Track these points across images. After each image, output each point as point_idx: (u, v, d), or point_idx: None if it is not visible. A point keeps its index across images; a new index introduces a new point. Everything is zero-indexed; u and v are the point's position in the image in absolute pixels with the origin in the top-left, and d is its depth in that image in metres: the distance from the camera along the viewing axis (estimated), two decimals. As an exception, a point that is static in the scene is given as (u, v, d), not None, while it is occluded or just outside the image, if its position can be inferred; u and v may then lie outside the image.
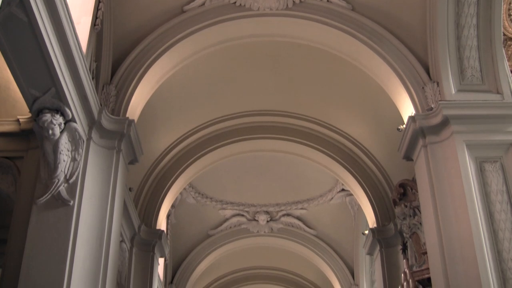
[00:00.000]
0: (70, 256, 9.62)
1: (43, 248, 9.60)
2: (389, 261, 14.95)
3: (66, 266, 9.51)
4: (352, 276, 21.48)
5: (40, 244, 9.62)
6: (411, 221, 12.88)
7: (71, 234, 9.79)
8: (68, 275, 9.48)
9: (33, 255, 9.53)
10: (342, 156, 16.16)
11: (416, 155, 11.48)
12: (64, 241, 9.71)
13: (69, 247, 9.67)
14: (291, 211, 21.23)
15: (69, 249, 9.65)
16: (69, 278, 9.46)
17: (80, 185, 10.20)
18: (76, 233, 9.83)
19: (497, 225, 9.94)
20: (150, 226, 15.59)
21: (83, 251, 9.89)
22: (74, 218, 9.92)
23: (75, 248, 9.72)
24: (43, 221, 9.80)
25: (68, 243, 9.70)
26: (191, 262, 21.80)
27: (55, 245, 9.66)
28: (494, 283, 9.49)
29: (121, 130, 11.18)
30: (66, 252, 9.62)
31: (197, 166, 16.49)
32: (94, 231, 10.23)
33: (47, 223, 9.80)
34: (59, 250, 9.63)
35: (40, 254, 9.54)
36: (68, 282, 9.43)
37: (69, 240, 9.73)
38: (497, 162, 10.50)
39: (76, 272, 9.59)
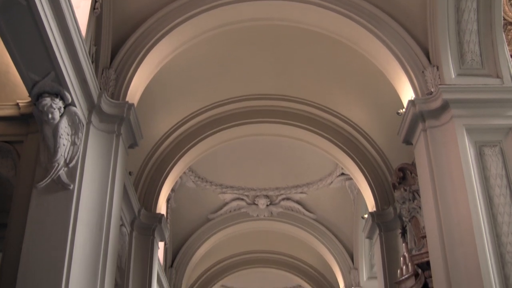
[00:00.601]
0: (70, 240, 9.64)
1: (43, 232, 9.61)
2: (388, 245, 14.99)
3: (66, 250, 9.53)
4: (351, 260, 21.56)
5: (40, 228, 9.63)
6: (410, 205, 12.90)
7: (71, 218, 9.80)
8: (68, 259, 9.50)
9: (33, 239, 9.54)
10: (342, 140, 16.16)
11: (415, 139, 11.48)
12: (64, 225, 9.72)
13: (69, 231, 9.68)
14: (290, 195, 21.27)
15: (69, 233, 9.66)
16: (69, 261, 9.49)
17: (80, 169, 10.20)
18: (76, 217, 9.84)
19: (496, 209, 9.95)
20: (150, 210, 15.62)
21: (83, 235, 9.90)
22: (74, 202, 9.93)
23: (75, 232, 9.74)
24: (43, 205, 9.81)
25: (68, 227, 9.71)
26: (191, 246, 21.87)
27: (55, 229, 9.67)
28: (493, 267, 9.52)
29: (120, 114, 11.17)
30: (66, 236, 9.63)
31: (197, 150, 16.49)
32: (94, 215, 10.23)
33: (47, 207, 9.81)
34: (59, 234, 9.64)
35: (40, 238, 9.56)
36: (68, 265, 9.45)
37: (69, 224, 9.74)
38: (497, 146, 10.50)
39: (76, 255, 9.61)
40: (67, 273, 9.40)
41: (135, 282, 14.57)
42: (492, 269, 9.49)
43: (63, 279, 9.32)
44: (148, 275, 14.95)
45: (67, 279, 9.36)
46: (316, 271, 25.49)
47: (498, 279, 9.44)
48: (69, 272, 9.42)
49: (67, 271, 9.41)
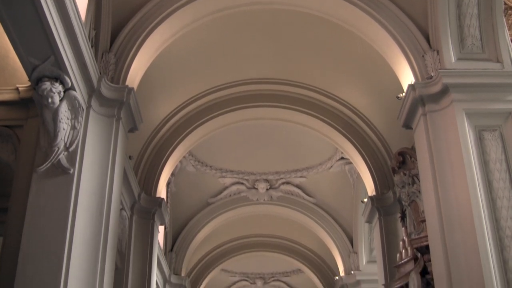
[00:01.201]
0: (71, 224, 9.67)
1: (44, 216, 9.64)
2: (387, 229, 15.03)
3: (67, 234, 9.56)
4: (351, 244, 21.61)
5: (41, 212, 9.66)
6: (410, 189, 12.92)
7: (71, 202, 9.82)
8: (69, 243, 9.53)
9: (34, 223, 9.57)
10: (342, 124, 16.16)
11: (415, 123, 11.49)
12: (65, 209, 9.74)
13: (70, 215, 9.71)
14: (290, 179, 21.29)
15: (69, 217, 9.69)
16: (70, 245, 9.52)
17: (80, 153, 10.21)
18: (77, 201, 9.87)
19: (496, 193, 9.97)
20: (150, 194, 15.65)
21: (84, 219, 9.93)
22: (74, 186, 9.95)
23: (75, 216, 9.76)
24: (43, 189, 9.83)
25: (69, 211, 9.73)
26: (191, 230, 21.91)
27: (55, 213, 9.69)
28: (492, 251, 9.55)
29: (120, 98, 11.17)
30: (66, 220, 9.66)
31: (197, 134, 16.50)
32: (94, 199, 10.26)
33: (48, 191, 9.83)
34: (60, 218, 9.67)
35: (41, 222, 9.58)
36: (69, 249, 9.48)
37: (69, 208, 9.77)
38: (496, 130, 10.50)
39: (76, 240, 9.64)
40: (68, 257, 9.43)
41: (136, 266, 14.62)
42: (491, 253, 9.52)
43: (64, 263, 9.36)
44: (148, 259, 14.99)
45: (67, 263, 9.39)
46: (316, 255, 25.55)
47: (497, 263, 9.48)
48: (70, 256, 9.45)
49: (67, 255, 9.44)
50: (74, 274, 9.45)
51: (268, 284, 31.01)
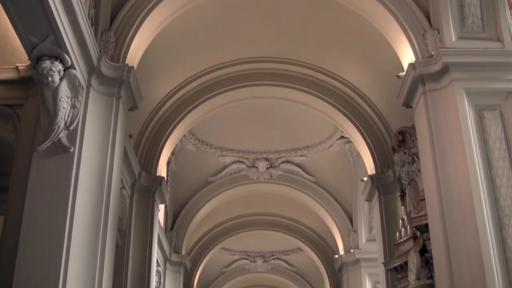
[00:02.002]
0: (71, 203, 9.70)
1: (44, 195, 9.67)
2: (387, 208, 15.07)
3: (68, 213, 9.60)
4: (350, 223, 21.67)
5: (41, 191, 9.69)
6: (409, 168, 12.94)
7: (72, 181, 9.85)
8: (70, 221, 9.57)
9: (34, 202, 9.60)
10: (342, 103, 16.15)
11: (415, 102, 11.49)
12: (65, 187, 9.77)
13: (70, 194, 9.74)
14: (290, 158, 21.32)
15: (70, 196, 9.72)
16: (71, 224, 9.56)
17: (80, 132, 10.22)
18: (77, 180, 9.89)
19: (495, 172, 10.00)
20: (151, 172, 15.68)
21: (84, 198, 9.96)
22: (74, 165, 9.97)
23: (76, 194, 9.79)
24: (44, 168, 9.85)
25: (69, 189, 9.76)
26: (191, 209, 21.98)
27: (56, 191, 9.72)
28: (491, 229, 9.59)
29: (120, 77, 11.15)
30: (67, 198, 9.69)
31: (197, 113, 16.50)
32: (94, 178, 10.28)
33: (48, 170, 9.85)
34: (60, 196, 9.70)
35: (42, 200, 9.61)
36: (69, 228, 9.52)
37: (70, 187, 9.79)
38: (496, 110, 10.50)
39: (77, 218, 9.68)
40: (68, 235, 9.47)
41: (136, 244, 14.69)
42: (490, 231, 9.57)
43: (65, 241, 9.40)
44: (149, 238, 15.06)
45: (68, 241, 9.44)
46: (316, 233, 25.63)
47: (496, 241, 9.53)
48: (70, 234, 9.49)
49: (68, 234, 9.48)
50: (75, 252, 9.49)
51: (268, 262, 31.15)
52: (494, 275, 9.29)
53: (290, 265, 31.34)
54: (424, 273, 11.56)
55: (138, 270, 14.59)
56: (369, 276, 20.08)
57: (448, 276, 9.81)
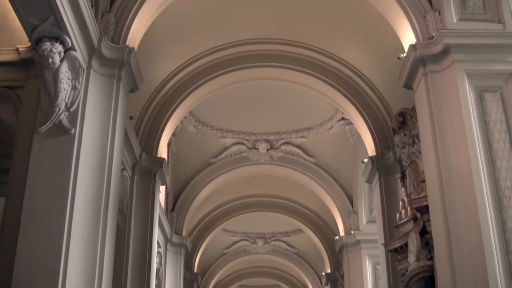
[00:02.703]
0: (72, 184, 9.73)
1: (46, 176, 9.70)
2: (387, 189, 15.09)
3: (69, 194, 9.63)
4: (351, 204, 21.71)
5: (42, 172, 9.72)
6: (410, 149, 12.94)
7: (73, 162, 9.88)
8: (71, 202, 9.60)
9: (36, 183, 9.64)
10: (342, 84, 16.14)
11: (416, 83, 11.48)
12: (66, 169, 9.80)
13: (71, 175, 9.77)
14: (291, 140, 21.32)
15: (71, 177, 9.75)
16: (72, 205, 9.60)
17: (81, 114, 10.23)
18: (78, 161, 9.92)
19: (495, 154, 10.01)
20: (151, 154, 15.69)
21: (85, 179, 9.99)
22: (75, 146, 9.99)
23: (77, 176, 9.82)
24: (44, 149, 9.87)
25: (70, 171, 9.79)
26: (192, 190, 22.02)
27: (57, 173, 9.76)
28: (491, 211, 9.62)
29: (121, 58, 11.16)
30: (68, 180, 9.72)
31: (198, 95, 16.49)
32: (95, 159, 10.30)
33: (49, 151, 9.88)
34: (61, 178, 9.73)
35: (43, 182, 9.65)
36: (70, 209, 9.56)
37: (71, 168, 9.83)
38: (497, 91, 10.50)
39: (78, 199, 9.72)
40: (70, 217, 9.52)
41: (137, 226, 14.73)
42: (490, 213, 9.59)
43: (66, 223, 9.44)
44: (150, 219, 15.10)
45: (69, 222, 9.48)
46: (316, 215, 25.68)
47: (496, 222, 9.56)
48: (72, 216, 9.53)
49: (69, 215, 9.52)
50: (76, 234, 9.53)
51: (269, 243, 31.23)
52: (494, 256, 9.33)
53: (290, 247, 31.41)
54: (424, 254, 11.61)
55: (139, 251, 14.64)
56: (369, 257, 20.13)
57: (448, 257, 9.85)
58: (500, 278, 9.22)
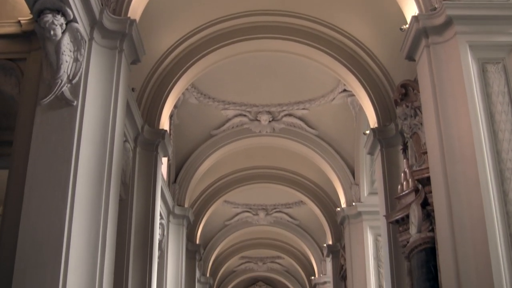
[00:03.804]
0: (75, 156, 9.76)
1: (48, 148, 9.73)
2: (389, 161, 15.11)
3: (71, 166, 9.66)
4: (352, 176, 21.76)
5: (45, 144, 9.75)
6: (412, 121, 12.95)
7: (75, 134, 9.89)
8: (74, 174, 9.63)
9: (39, 155, 9.67)
10: (344, 56, 16.10)
11: (418, 55, 11.44)
12: (69, 141, 9.82)
13: (74, 147, 9.79)
14: (293, 111, 21.31)
15: (73, 149, 9.77)
16: (75, 177, 9.63)
17: (83, 86, 10.23)
18: (80, 133, 9.93)
19: (497, 126, 10.00)
20: (153, 126, 15.71)
21: (88, 150, 10.01)
22: (78, 118, 10.00)
23: (79, 147, 9.85)
24: (47, 121, 9.89)
25: (73, 143, 9.81)
26: (194, 162, 22.06)
27: (60, 145, 9.78)
28: (493, 183, 9.64)
29: (122, 30, 11.12)
30: (71, 151, 9.74)
31: (199, 66, 16.47)
32: (98, 131, 10.32)
33: (52, 123, 9.90)
34: (64, 149, 9.75)
35: (46, 154, 9.68)
36: (73, 181, 9.60)
37: (73, 140, 9.84)
38: (500, 63, 10.47)
39: (81, 171, 9.75)
40: (72, 188, 9.55)
41: (140, 197, 14.79)
42: (492, 185, 9.61)
43: (69, 194, 9.48)
44: (152, 190, 15.16)
45: (72, 194, 9.52)
46: (318, 186, 25.74)
47: (497, 195, 9.58)
48: (75, 187, 9.57)
49: (72, 186, 9.56)
50: (79, 205, 9.58)
51: (271, 215, 31.34)
52: (495, 228, 9.37)
53: (292, 218, 31.53)
54: (426, 226, 11.68)
55: (142, 223, 14.73)
56: (371, 229, 20.21)
57: (449, 229, 9.89)
58: (501, 249, 9.27)
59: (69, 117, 9.96)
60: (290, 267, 41.40)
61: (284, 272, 43.69)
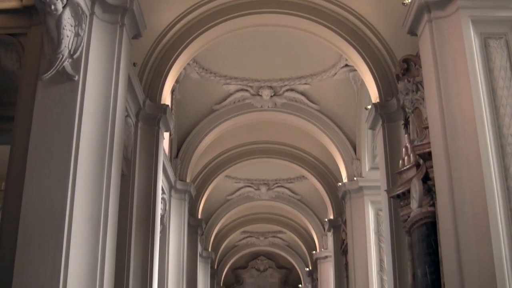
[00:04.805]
0: (77, 131, 9.76)
1: (50, 123, 9.74)
2: (391, 136, 15.12)
3: (73, 141, 9.67)
4: (354, 151, 21.79)
5: (47, 119, 9.75)
6: (413, 96, 12.93)
7: (77, 109, 9.89)
8: (75, 149, 9.65)
9: (40, 130, 9.68)
10: (346, 30, 16.04)
11: (420, 30, 11.39)
12: (70, 116, 9.82)
13: (75, 122, 9.79)
14: (294, 86, 21.29)
15: (75, 124, 9.78)
16: (76, 152, 9.64)
17: (85, 60, 10.21)
18: (82, 108, 9.93)
19: (499, 101, 9.98)
20: (155, 101, 15.71)
21: (89, 126, 10.01)
22: (79, 93, 9.99)
23: (81, 122, 9.85)
24: (48, 96, 9.88)
25: (74, 117, 9.81)
26: (196, 137, 22.09)
27: (61, 120, 9.78)
28: (494, 158, 9.64)
29: (123, 4, 11.06)
30: (72, 126, 9.75)
31: (201, 41, 16.42)
32: (99, 106, 10.31)
33: (53, 98, 9.89)
34: (66, 125, 9.76)
35: (47, 129, 9.69)
36: (75, 155, 9.61)
37: (75, 115, 9.84)
38: (502, 38, 10.41)
39: (83, 146, 9.76)
40: (74, 163, 9.57)
41: (141, 172, 14.83)
42: (493, 160, 9.61)
43: (71, 169, 9.51)
44: (154, 165, 15.20)
45: (74, 168, 9.54)
46: (319, 161, 25.79)
47: (498, 169, 9.58)
48: (76, 162, 9.59)
49: (74, 161, 9.57)
50: (81, 180, 9.61)
51: (272, 190, 31.43)
52: (496, 203, 9.39)
53: (293, 193, 31.62)
54: (426, 200, 11.71)
55: (144, 198, 14.78)
56: (372, 203, 20.28)
57: (450, 203, 9.91)
58: (501, 223, 9.29)
59: (70, 92, 9.95)
60: (291, 241, 41.60)
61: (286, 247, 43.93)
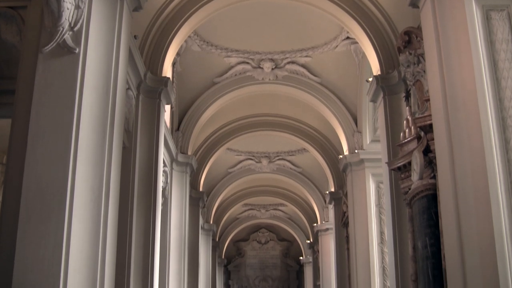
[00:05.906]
0: (78, 103, 9.75)
1: (51, 96, 9.73)
2: (392, 108, 15.13)
3: (74, 113, 9.67)
4: (355, 123, 21.79)
5: (48, 92, 9.74)
6: (415, 68, 12.92)
7: (78, 82, 9.87)
8: (77, 122, 9.65)
9: (42, 103, 9.67)
10: (348, 3, 15.97)
11: (422, 2, 11.33)
12: (71, 88, 9.81)
13: (76, 94, 9.78)
14: (295, 59, 21.25)
15: (76, 96, 9.77)
16: (78, 125, 9.64)
17: (85, 33, 10.17)
18: (83, 81, 9.91)
19: (500, 73, 9.96)
20: (156, 73, 15.69)
21: (90, 98, 10.00)
22: (80, 66, 9.97)
23: (82, 95, 9.83)
24: (49, 69, 9.87)
25: (75, 90, 9.80)
26: (197, 110, 22.10)
27: (62, 92, 9.77)
28: (495, 130, 9.64)
29: (124, -23, 11.05)
30: (73, 99, 9.74)
31: (202, 13, 16.36)
32: (100, 78, 10.29)
33: (54, 71, 9.87)
34: (67, 97, 9.75)
35: (48, 102, 9.69)
36: (77, 128, 9.61)
37: (76, 88, 9.83)
38: (504, 10, 10.35)
39: (84, 118, 9.76)
40: (76, 136, 9.57)
41: (143, 145, 14.86)
42: (494, 132, 9.61)
43: (72, 142, 9.51)
44: (155, 138, 15.22)
45: (75, 142, 9.54)
46: (321, 134, 25.82)
47: (499, 142, 9.58)
48: (78, 136, 9.59)
49: (75, 134, 9.58)
50: (83, 153, 9.62)
51: (273, 163, 31.50)
52: (496, 175, 9.40)
53: (295, 166, 31.70)
54: (427, 172, 11.74)
55: (145, 170, 14.82)
56: (373, 176, 20.33)
57: (451, 175, 9.95)
58: (501, 195, 9.31)
59: (71, 65, 9.93)
60: (292, 214, 41.77)
61: (287, 219, 44.12)
